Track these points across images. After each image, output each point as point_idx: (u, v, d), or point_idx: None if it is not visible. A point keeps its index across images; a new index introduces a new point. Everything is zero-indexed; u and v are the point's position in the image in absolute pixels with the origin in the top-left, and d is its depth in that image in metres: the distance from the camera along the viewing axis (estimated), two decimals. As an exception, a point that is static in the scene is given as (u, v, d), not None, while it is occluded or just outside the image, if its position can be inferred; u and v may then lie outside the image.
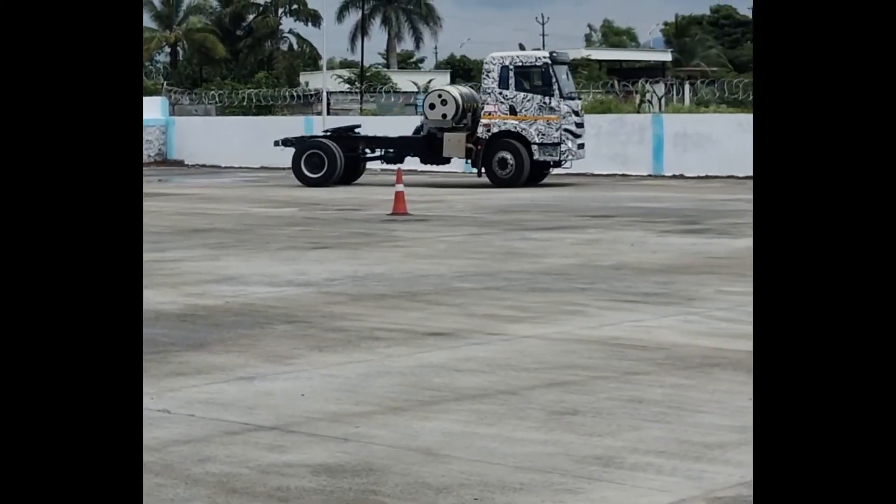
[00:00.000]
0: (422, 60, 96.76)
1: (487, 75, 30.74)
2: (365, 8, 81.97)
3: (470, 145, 30.49)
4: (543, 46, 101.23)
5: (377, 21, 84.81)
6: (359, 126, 33.81)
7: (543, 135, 29.88)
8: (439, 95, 31.30)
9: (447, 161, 31.43)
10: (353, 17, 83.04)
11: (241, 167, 40.65)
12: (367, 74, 67.10)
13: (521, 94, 30.04)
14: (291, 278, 13.55)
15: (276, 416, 7.45)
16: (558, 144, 29.84)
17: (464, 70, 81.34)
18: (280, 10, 79.92)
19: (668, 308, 11.40)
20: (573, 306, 11.53)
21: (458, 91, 31.60)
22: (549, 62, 30.36)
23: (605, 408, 7.58)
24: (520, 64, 30.47)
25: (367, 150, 32.19)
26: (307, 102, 53.09)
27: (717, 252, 15.79)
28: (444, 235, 18.26)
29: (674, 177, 32.78)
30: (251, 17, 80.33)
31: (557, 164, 30.46)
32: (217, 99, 51.32)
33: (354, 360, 9.15)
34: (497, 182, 29.88)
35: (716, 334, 10.08)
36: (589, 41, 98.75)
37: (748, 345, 9.54)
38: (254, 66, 75.26)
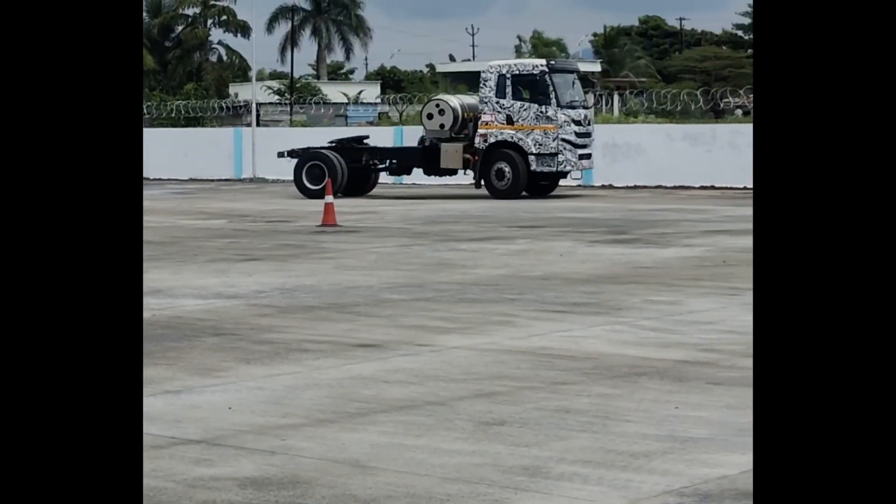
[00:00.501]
0: (352, 71, 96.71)
1: (485, 84, 30.04)
2: (295, 19, 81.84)
3: (468, 156, 29.85)
4: (473, 57, 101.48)
5: (307, 32, 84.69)
6: (367, 137, 32.95)
7: (540, 145, 29.20)
8: (437, 105, 30.66)
9: (450, 173, 30.61)
10: (283, 28, 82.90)
11: (169, 179, 40.44)
12: (297, 86, 66.98)
13: (518, 104, 29.40)
14: (220, 291, 13.50)
15: (203, 430, 7.42)
16: (555, 155, 29.14)
17: (394, 81, 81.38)
18: (209, 22, 79.62)
19: (595, 318, 11.46)
20: (502, 317, 11.57)
21: (458, 101, 30.90)
22: (546, 70, 29.63)
23: (532, 418, 7.61)
24: (517, 72, 29.78)
25: (376, 162, 31.30)
26: (236, 114, 52.92)
27: (645, 262, 15.89)
28: (373, 247, 18.26)
29: (603, 187, 32.97)
30: (180, 28, 79.98)
31: (563, 175, 29.87)
32: (146, 111, 51.07)
33: (282, 372, 9.13)
34: (496, 194, 29.25)
35: (643, 344, 10.15)
36: (519, 52, 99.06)
37: (675, 354, 9.63)
38: (182, 78, 74.93)
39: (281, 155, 32.13)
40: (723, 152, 31.98)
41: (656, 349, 9.88)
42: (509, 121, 29.36)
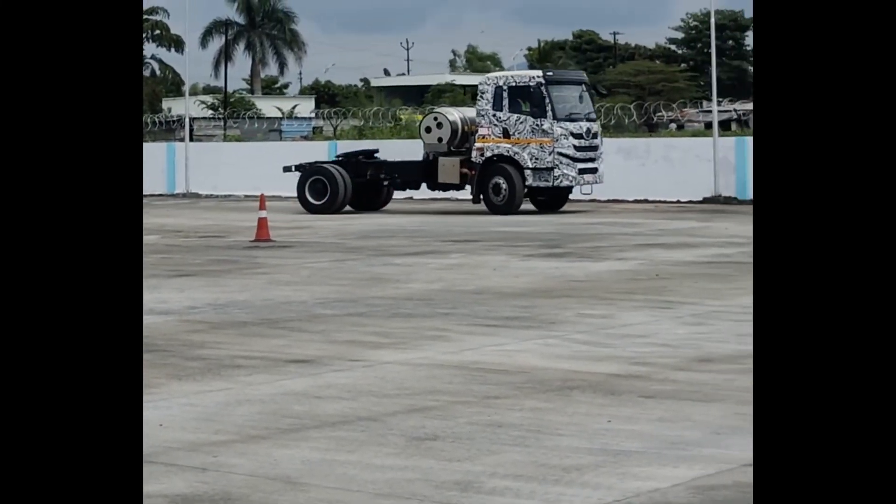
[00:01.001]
0: (286, 86, 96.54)
1: (482, 96, 29.17)
2: (229, 34, 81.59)
3: (465, 170, 28.93)
4: (408, 72, 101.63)
5: (241, 47, 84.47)
6: (376, 151, 32.01)
7: (537, 159, 28.22)
8: (435, 118, 29.84)
9: (449, 187, 29.69)
10: (217, 42, 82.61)
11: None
12: (231, 100, 66.76)
13: (515, 116, 28.46)
14: (152, 307, 13.41)
15: (133, 447, 7.35)
16: (551, 169, 28.16)
17: (328, 95, 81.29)
18: (143, 36, 79.20)
19: (528, 332, 11.48)
20: (435, 331, 11.57)
21: (458, 114, 29.98)
22: (543, 82, 28.55)
23: (464, 432, 7.61)
24: (513, 84, 28.78)
25: (383, 176, 30.41)
26: (169, 128, 52.66)
27: (578, 276, 15.95)
28: (307, 262, 18.21)
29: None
30: (113, 42, 79.44)
31: (567, 189, 29.03)
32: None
33: (214, 388, 9.08)
34: (494, 209, 28.30)
35: (575, 357, 10.17)
36: (453, 66, 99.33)
37: (607, 367, 9.66)
38: (116, 92, 74.41)
39: (287, 169, 30.93)
40: (657, 166, 32.18)
41: (589, 363, 9.91)
42: (506, 134, 28.52)
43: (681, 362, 9.87)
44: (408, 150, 33.50)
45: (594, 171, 28.86)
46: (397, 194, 31.26)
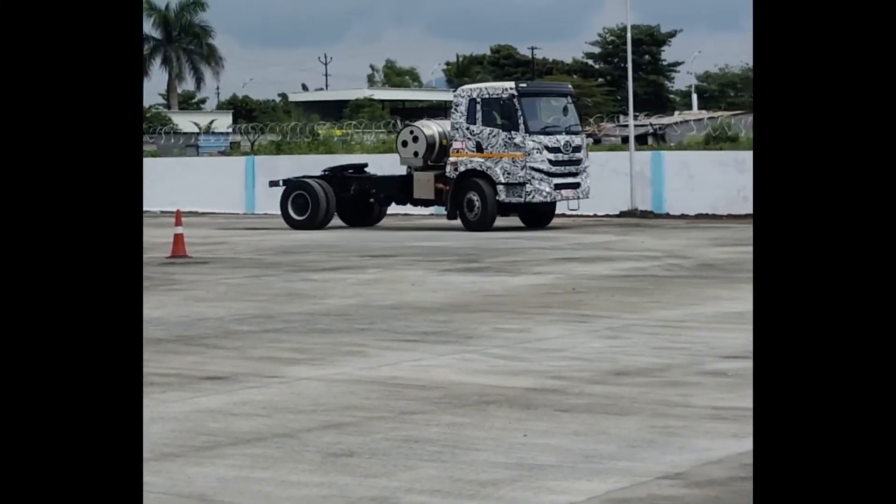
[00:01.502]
0: (203, 101, 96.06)
1: (456, 109, 28.16)
2: (145, 48, 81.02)
3: (440, 185, 28.02)
4: (326, 87, 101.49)
5: (157, 61, 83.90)
6: (365, 165, 31.20)
7: (509, 174, 27.18)
8: (411, 132, 28.91)
9: (424, 203, 28.95)
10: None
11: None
12: (148, 115, 66.31)
13: (487, 130, 27.44)
14: (66, 324, 13.27)
15: (45, 467, 7.28)
16: (523, 184, 27.11)
17: (246, 110, 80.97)
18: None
19: (446, 347, 11.49)
20: (352, 347, 11.55)
21: (436, 127, 28.82)
22: (515, 94, 27.44)
23: (380, 448, 7.60)
24: (486, 96, 27.78)
25: (373, 191, 29.56)
26: (85, 144, 52.16)
27: (495, 290, 15.99)
28: (224, 278, 18.12)
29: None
30: (27, 57, 78.67)
31: (552, 204, 27.99)
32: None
33: (129, 406, 8.99)
34: (468, 225, 27.42)
35: (492, 372, 10.20)
36: (372, 81, 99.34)
37: (524, 381, 9.69)
38: (30, 107, 73.68)
39: (273, 184, 30.14)
40: (573, 180, 32.33)
41: (505, 377, 9.93)
42: (479, 148, 27.52)
43: (596, 376, 9.92)
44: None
45: (575, 185, 27.82)
46: (395, 208, 30.38)
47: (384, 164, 31.95)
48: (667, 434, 7.83)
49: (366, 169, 30.88)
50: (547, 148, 27.28)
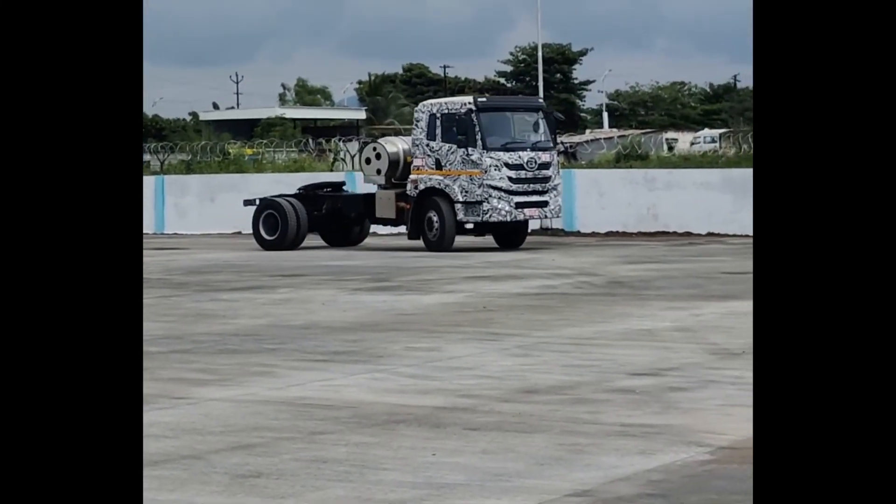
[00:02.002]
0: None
1: (416, 125, 27.18)
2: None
3: (402, 204, 26.99)
4: (238, 105, 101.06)
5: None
6: (343, 183, 30.60)
7: (466, 192, 26.12)
8: (374, 148, 28.02)
9: (386, 222, 28.02)
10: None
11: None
12: (56, 134, 65.59)
13: (446, 147, 26.35)
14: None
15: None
16: (480, 203, 26.07)
17: (156, 129, 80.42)
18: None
19: (356, 366, 11.47)
20: (261, 367, 11.49)
21: (401, 144, 27.79)
22: (473, 109, 26.32)
23: (289, 469, 7.57)
24: (445, 111, 26.67)
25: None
26: None
27: (406, 309, 15.99)
28: (133, 298, 17.92)
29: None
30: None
31: (524, 223, 27.08)
32: None
33: (33, 429, 8.88)
34: (429, 245, 26.47)
35: (402, 391, 10.19)
36: (283, 100, 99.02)
37: (433, 400, 9.70)
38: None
39: (248, 203, 29.38)
40: (484, 199, 32.42)
41: (415, 396, 9.93)
42: (438, 165, 26.51)
43: (506, 394, 9.94)
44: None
45: (542, 204, 26.67)
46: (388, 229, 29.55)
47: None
48: (575, 451, 7.87)
49: (344, 188, 30.18)
50: (507, 165, 26.17)
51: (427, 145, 26.67)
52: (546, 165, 26.69)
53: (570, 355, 11.89)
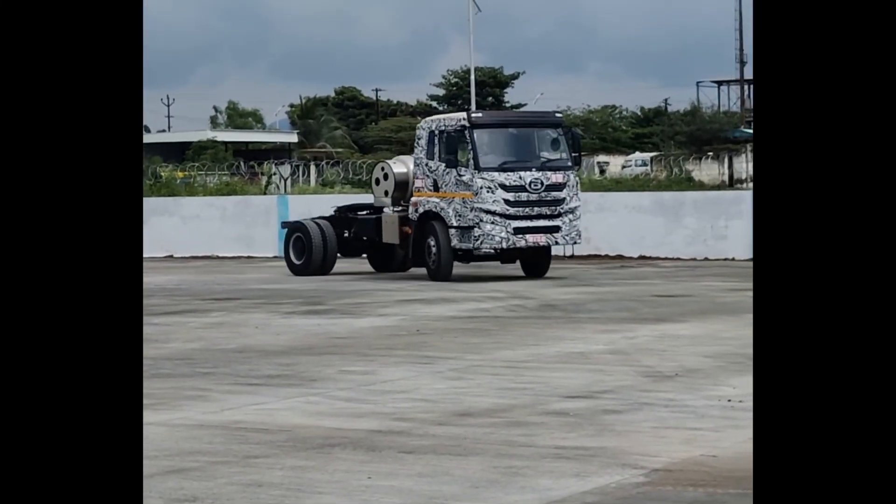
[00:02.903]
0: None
1: (418, 143, 24.89)
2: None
3: (406, 228, 24.81)
4: (169, 128, 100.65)
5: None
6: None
7: (460, 216, 23.67)
8: (382, 168, 26.14)
9: (394, 248, 25.67)
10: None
11: None
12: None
13: (442, 167, 23.97)
14: None
15: None
16: (471, 228, 23.59)
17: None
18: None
19: (290, 390, 11.46)
20: (195, 391, 11.45)
21: (410, 164, 25.31)
22: (467, 125, 23.83)
23: (224, 493, 7.55)
24: (442, 129, 24.20)
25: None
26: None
27: (339, 332, 15.98)
28: (64, 322, 17.81)
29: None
30: None
31: (546, 248, 24.44)
32: None
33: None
34: (429, 273, 24.32)
35: (337, 414, 10.19)
36: (215, 123, 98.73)
37: (368, 423, 9.70)
38: None
39: (286, 225, 27.75)
40: (417, 222, 32.45)
41: (350, 419, 9.94)
42: (436, 187, 24.19)
43: (440, 417, 9.97)
44: None
45: (552, 229, 23.86)
46: None
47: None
48: (510, 474, 7.90)
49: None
50: (503, 186, 23.49)
51: (426, 165, 24.46)
52: (557, 187, 23.90)
53: (503, 378, 11.94)
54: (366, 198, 29.41)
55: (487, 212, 23.49)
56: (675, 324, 16.20)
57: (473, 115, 24.39)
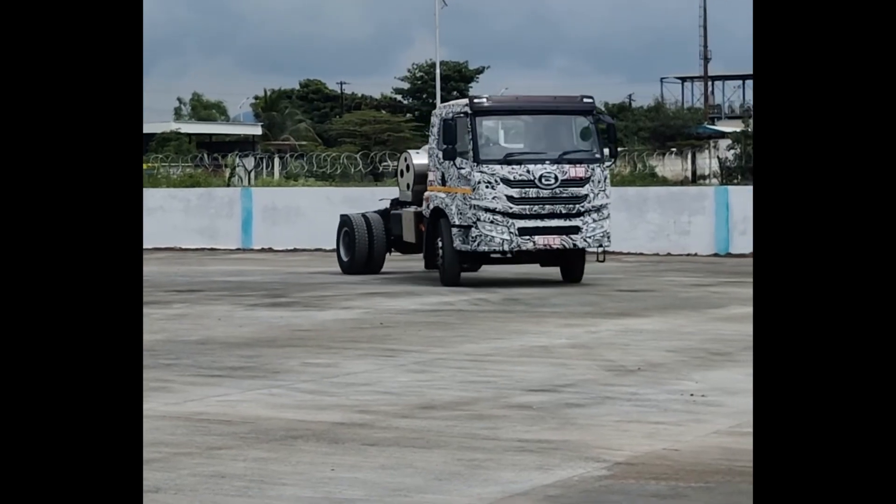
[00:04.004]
0: None
1: (431, 132, 22.51)
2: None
3: (421, 225, 22.45)
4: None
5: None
6: None
7: (461, 214, 21.02)
8: (405, 159, 23.91)
9: (411, 247, 23.32)
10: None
11: None
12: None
13: (448, 160, 21.48)
14: None
15: None
16: (469, 227, 20.91)
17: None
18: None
19: (253, 381, 11.44)
20: (158, 383, 11.41)
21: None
22: (469, 111, 21.22)
23: (187, 484, 7.54)
24: (449, 117, 21.63)
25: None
26: None
27: (303, 325, 15.96)
28: (25, 313, 17.73)
29: (262, 250, 32.97)
30: None
31: (579, 250, 21.53)
32: None
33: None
34: (441, 276, 21.70)
35: (300, 406, 10.18)
36: (179, 114, 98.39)
37: (331, 416, 9.70)
38: None
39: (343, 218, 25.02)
40: (381, 215, 32.43)
41: (313, 412, 9.93)
42: (443, 180, 21.67)
43: (403, 409, 9.98)
44: None
45: (569, 230, 20.97)
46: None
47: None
48: (473, 467, 7.92)
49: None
50: (506, 181, 20.76)
51: (437, 156, 21.95)
52: (578, 181, 20.97)
53: (467, 371, 11.95)
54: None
55: (487, 210, 20.76)
56: (638, 318, 16.26)
57: (476, 100, 21.64)
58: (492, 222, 20.76)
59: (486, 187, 20.79)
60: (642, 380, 11.34)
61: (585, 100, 21.94)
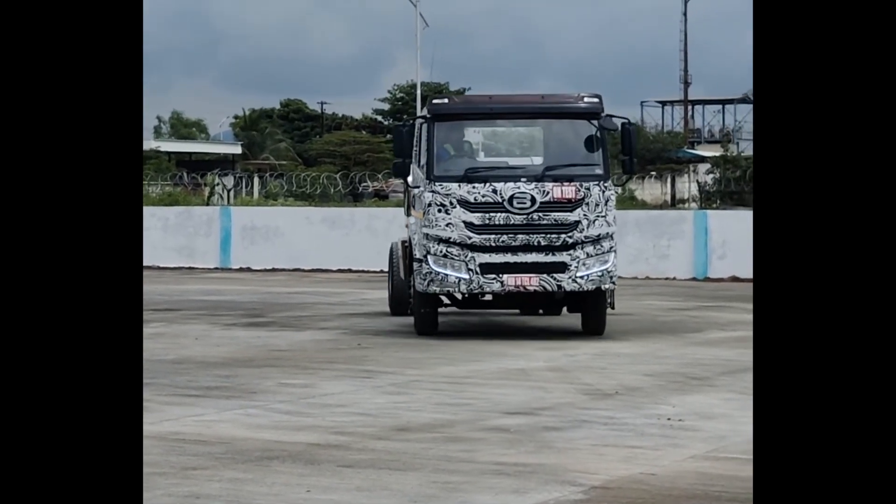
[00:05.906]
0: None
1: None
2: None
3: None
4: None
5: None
6: None
7: (415, 243, 16.78)
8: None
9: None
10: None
11: None
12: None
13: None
14: None
15: None
16: (421, 261, 16.25)
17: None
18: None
19: (229, 402, 11.39)
20: (133, 402, 11.36)
21: None
22: (428, 116, 16.76)
23: (161, 505, 7.50)
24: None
25: None
26: None
27: (280, 345, 15.92)
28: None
29: (241, 269, 32.91)
30: None
31: (598, 292, 16.41)
32: None
33: None
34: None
35: (276, 427, 10.14)
36: (158, 133, 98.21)
37: (307, 437, 9.67)
38: None
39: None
40: (360, 236, 32.43)
41: (289, 432, 9.89)
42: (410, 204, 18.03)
43: (380, 431, 9.95)
44: None
45: (549, 267, 16.00)
46: None
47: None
48: (449, 489, 7.89)
49: None
50: (464, 203, 16.03)
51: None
52: (564, 204, 16.09)
53: (444, 393, 11.93)
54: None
55: (440, 240, 16.05)
56: (616, 342, 16.25)
57: (435, 101, 17.04)
58: (445, 256, 16.00)
59: (439, 211, 16.06)
60: (619, 404, 11.33)
61: (587, 99, 16.71)
